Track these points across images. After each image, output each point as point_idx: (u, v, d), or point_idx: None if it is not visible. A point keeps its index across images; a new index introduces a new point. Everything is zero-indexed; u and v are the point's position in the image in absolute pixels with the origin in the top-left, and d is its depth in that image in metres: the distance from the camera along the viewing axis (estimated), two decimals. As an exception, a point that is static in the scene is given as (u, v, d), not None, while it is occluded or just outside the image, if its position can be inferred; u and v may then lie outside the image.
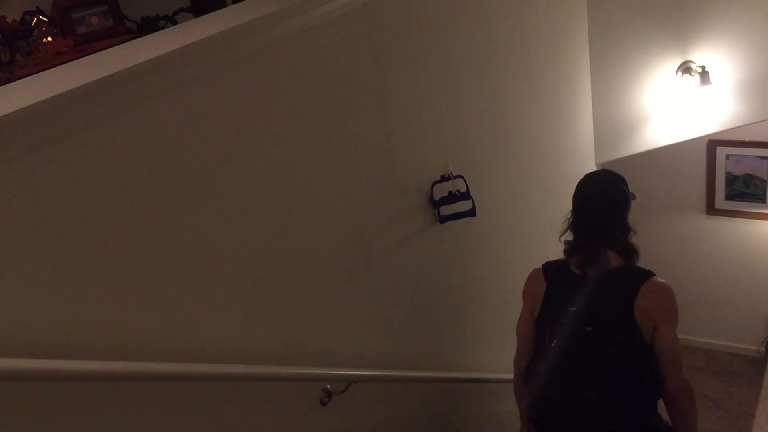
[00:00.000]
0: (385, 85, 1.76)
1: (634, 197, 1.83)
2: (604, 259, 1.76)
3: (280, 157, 1.41)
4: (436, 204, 2.01)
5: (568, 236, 1.87)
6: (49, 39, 1.89)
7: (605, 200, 1.81)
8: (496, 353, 2.65)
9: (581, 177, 1.89)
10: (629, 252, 1.78)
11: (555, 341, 1.78)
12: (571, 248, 1.84)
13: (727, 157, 4.20)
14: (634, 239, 1.81)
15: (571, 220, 1.85)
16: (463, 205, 2.03)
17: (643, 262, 1.81)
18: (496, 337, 2.65)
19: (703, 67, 3.15)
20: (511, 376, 1.98)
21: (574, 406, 1.77)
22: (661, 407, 1.79)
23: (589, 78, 3.44)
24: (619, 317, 1.71)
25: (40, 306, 0.95)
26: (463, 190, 2.01)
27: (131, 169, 1.09)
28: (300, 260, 1.49)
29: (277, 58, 1.38)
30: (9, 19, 1.89)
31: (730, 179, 4.24)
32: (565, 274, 1.83)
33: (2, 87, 1.26)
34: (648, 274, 1.74)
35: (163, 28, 2.15)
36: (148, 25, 2.16)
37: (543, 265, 1.91)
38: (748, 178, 4.20)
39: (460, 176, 2.01)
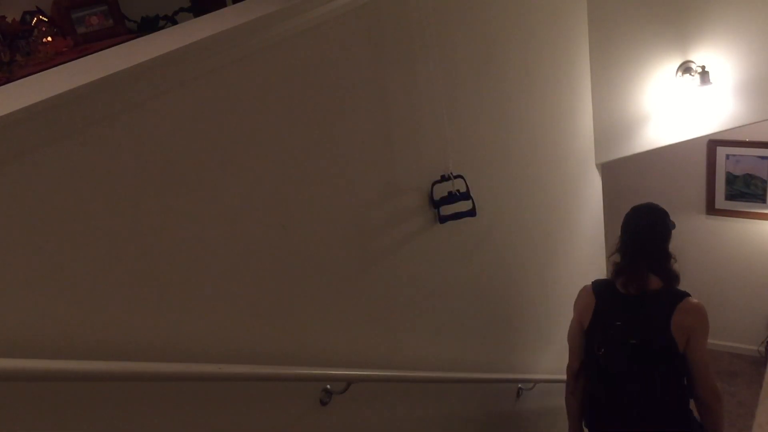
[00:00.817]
0: (385, 84, 1.76)
1: (674, 226, 2.11)
2: (645, 281, 2.03)
3: (280, 156, 1.41)
4: (436, 204, 2.00)
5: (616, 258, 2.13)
6: (49, 39, 1.89)
7: (649, 229, 2.09)
8: (497, 353, 2.65)
9: (580, 177, 1.96)
10: (671, 277, 2.05)
11: (603, 350, 2.08)
12: (617, 270, 2.11)
13: (727, 157, 4.20)
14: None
15: (619, 245, 2.13)
16: (463, 205, 2.03)
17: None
18: (496, 336, 2.65)
19: (703, 67, 3.15)
20: (511, 375, 2.05)
21: (624, 404, 2.08)
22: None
23: (589, 78, 3.44)
24: (658, 331, 1.99)
25: (41, 306, 0.95)
26: (463, 190, 2.01)
27: (131, 169, 1.09)
28: (300, 260, 1.48)
29: (277, 58, 1.38)
30: (9, 19, 1.89)
31: (730, 179, 4.24)
32: (611, 292, 2.11)
33: (2, 87, 1.26)
34: (683, 295, 2.02)
35: (163, 28, 2.16)
36: (148, 25, 2.16)
37: (592, 283, 2.21)
38: (748, 178, 4.20)
39: (460, 176, 2.01)
